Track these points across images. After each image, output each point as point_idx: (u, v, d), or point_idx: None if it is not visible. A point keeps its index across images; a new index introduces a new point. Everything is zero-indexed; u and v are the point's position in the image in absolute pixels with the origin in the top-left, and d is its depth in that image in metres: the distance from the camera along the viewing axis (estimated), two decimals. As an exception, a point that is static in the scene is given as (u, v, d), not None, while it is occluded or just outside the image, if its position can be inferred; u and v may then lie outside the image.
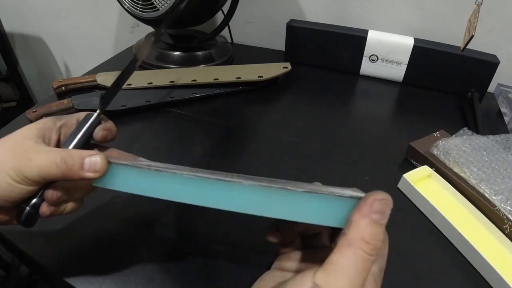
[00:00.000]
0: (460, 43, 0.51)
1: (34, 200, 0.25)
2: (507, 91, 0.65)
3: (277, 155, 0.49)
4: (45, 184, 0.25)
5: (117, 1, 0.64)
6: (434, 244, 0.37)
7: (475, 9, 0.49)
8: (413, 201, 0.42)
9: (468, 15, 0.50)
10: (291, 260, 0.26)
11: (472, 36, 0.46)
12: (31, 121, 0.47)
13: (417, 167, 0.45)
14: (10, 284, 0.75)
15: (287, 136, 0.52)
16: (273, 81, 0.64)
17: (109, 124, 0.30)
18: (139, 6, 0.62)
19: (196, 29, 0.80)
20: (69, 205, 0.27)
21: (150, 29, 0.76)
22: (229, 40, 0.86)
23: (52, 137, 0.27)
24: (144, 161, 0.28)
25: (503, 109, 0.63)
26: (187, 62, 0.69)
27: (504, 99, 0.63)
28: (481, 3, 0.48)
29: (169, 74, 0.62)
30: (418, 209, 0.41)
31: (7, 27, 1.18)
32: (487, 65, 0.62)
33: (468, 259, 0.35)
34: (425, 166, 0.44)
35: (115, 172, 0.24)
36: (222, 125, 0.54)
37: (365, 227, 0.19)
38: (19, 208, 0.25)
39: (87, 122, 0.28)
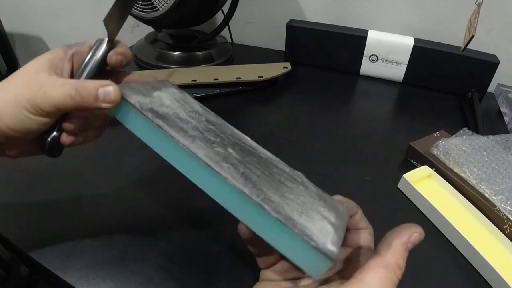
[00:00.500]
0: (460, 43, 0.51)
1: (53, 134, 0.26)
2: (507, 91, 0.65)
3: (277, 155, 0.49)
4: (61, 115, 0.25)
5: (117, 1, 0.64)
6: (434, 244, 0.37)
7: (475, 9, 0.49)
8: (413, 201, 0.42)
9: (468, 15, 0.50)
10: (274, 270, 0.26)
11: (473, 36, 0.46)
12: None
13: (417, 167, 0.45)
14: (10, 284, 0.75)
15: (287, 136, 0.52)
16: (273, 81, 0.64)
17: (122, 48, 0.27)
18: (139, 6, 0.62)
19: (196, 29, 0.80)
20: (90, 133, 0.28)
21: (150, 29, 0.76)
22: (229, 40, 0.86)
23: (65, 67, 0.26)
24: (163, 89, 0.27)
25: (503, 109, 0.63)
26: (187, 62, 0.69)
27: (504, 99, 0.63)
28: (481, 3, 0.48)
29: (169, 74, 0.62)
30: (418, 209, 0.41)
31: (7, 27, 1.18)
32: (487, 65, 0.62)
33: (468, 259, 0.35)
34: (425, 166, 0.44)
35: (127, 108, 0.24)
36: (222, 125, 0.54)
37: (401, 254, 0.21)
38: (42, 140, 0.26)
39: (98, 49, 0.27)
